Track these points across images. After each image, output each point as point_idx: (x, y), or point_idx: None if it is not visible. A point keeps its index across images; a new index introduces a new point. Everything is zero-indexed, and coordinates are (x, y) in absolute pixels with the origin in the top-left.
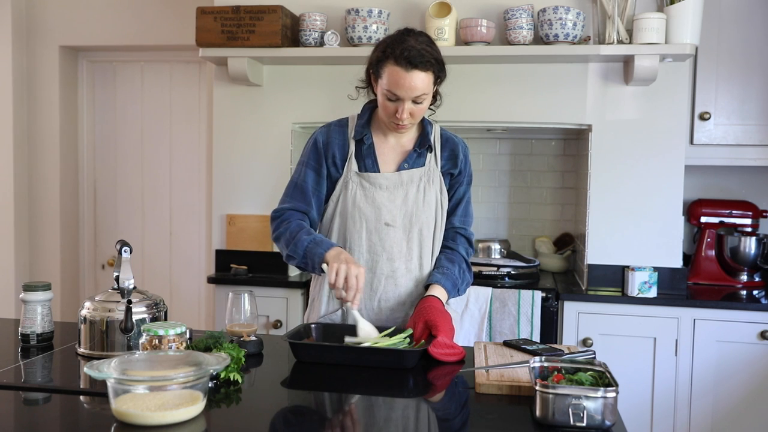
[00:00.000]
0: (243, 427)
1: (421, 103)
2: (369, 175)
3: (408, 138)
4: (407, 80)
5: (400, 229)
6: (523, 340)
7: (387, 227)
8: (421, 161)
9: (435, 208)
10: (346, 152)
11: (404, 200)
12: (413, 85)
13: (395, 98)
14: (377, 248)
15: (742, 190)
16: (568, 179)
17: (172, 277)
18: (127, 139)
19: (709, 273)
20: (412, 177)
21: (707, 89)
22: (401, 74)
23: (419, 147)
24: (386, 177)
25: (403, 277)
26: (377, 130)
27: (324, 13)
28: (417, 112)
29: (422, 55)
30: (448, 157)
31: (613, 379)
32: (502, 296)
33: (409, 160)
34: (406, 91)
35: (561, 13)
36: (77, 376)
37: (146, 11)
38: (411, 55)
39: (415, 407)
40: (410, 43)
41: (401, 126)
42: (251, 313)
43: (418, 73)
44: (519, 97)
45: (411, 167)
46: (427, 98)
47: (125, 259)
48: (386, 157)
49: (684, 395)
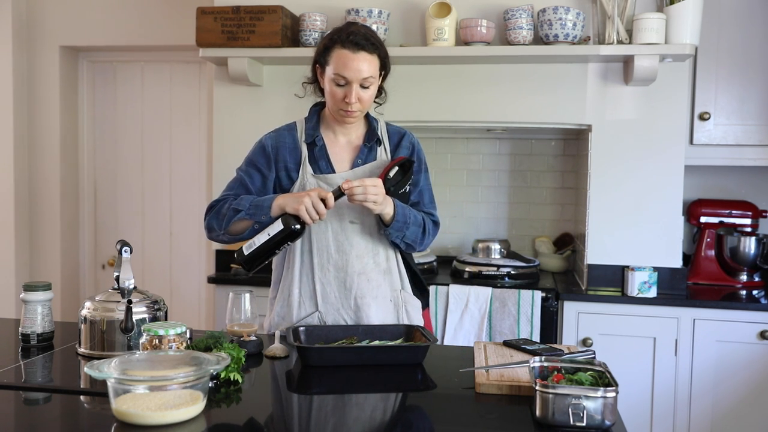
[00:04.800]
0: (243, 427)
1: (368, 88)
2: (326, 177)
3: (357, 135)
4: (354, 62)
5: (365, 226)
6: (523, 340)
7: (352, 225)
8: (372, 155)
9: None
10: (298, 156)
11: None
12: (360, 67)
13: (344, 82)
14: (345, 247)
15: (742, 190)
16: (568, 179)
17: (172, 277)
18: (127, 139)
19: (709, 273)
20: (365, 172)
21: (707, 89)
22: (348, 56)
23: (368, 141)
24: (342, 177)
25: (373, 272)
26: (327, 130)
27: (324, 13)
28: (365, 97)
29: (367, 38)
30: (397, 148)
31: (612, 379)
32: (502, 296)
33: (361, 155)
34: (354, 72)
35: (561, 13)
36: (77, 376)
37: (146, 11)
38: (357, 39)
39: (414, 407)
40: (354, 28)
41: (350, 113)
42: (251, 313)
43: (365, 54)
44: (519, 97)
45: (364, 162)
46: (374, 84)
47: (125, 259)
48: (339, 156)
49: (684, 395)
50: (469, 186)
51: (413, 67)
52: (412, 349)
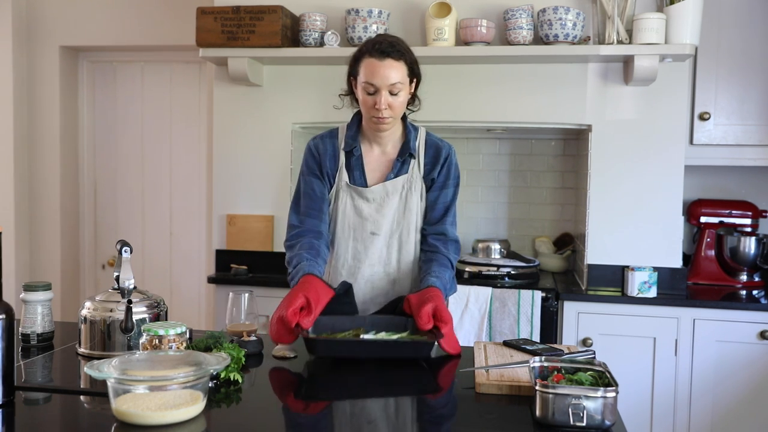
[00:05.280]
0: (243, 427)
1: (397, 95)
2: (358, 189)
3: (392, 147)
4: (381, 69)
5: (384, 237)
6: (523, 340)
7: (372, 236)
8: (405, 168)
9: (415, 212)
10: (337, 163)
11: (390, 209)
12: (387, 74)
13: (373, 90)
14: (361, 255)
15: (742, 190)
16: (568, 179)
17: (172, 277)
18: (127, 139)
19: (709, 273)
20: (396, 186)
21: (707, 89)
22: (375, 64)
23: (401, 155)
24: (372, 191)
25: (381, 281)
26: (364, 140)
27: (324, 14)
28: (395, 104)
29: (393, 45)
30: (430, 163)
31: (612, 379)
32: (502, 296)
33: (394, 169)
34: (381, 79)
35: (561, 13)
36: (77, 376)
37: (146, 11)
38: (383, 47)
39: (415, 407)
40: (381, 38)
41: (381, 120)
42: (251, 313)
43: (391, 61)
44: (519, 97)
45: (396, 176)
46: (403, 90)
47: (125, 259)
48: (373, 167)
49: (684, 395)
50: (469, 186)
51: None
52: (419, 344)
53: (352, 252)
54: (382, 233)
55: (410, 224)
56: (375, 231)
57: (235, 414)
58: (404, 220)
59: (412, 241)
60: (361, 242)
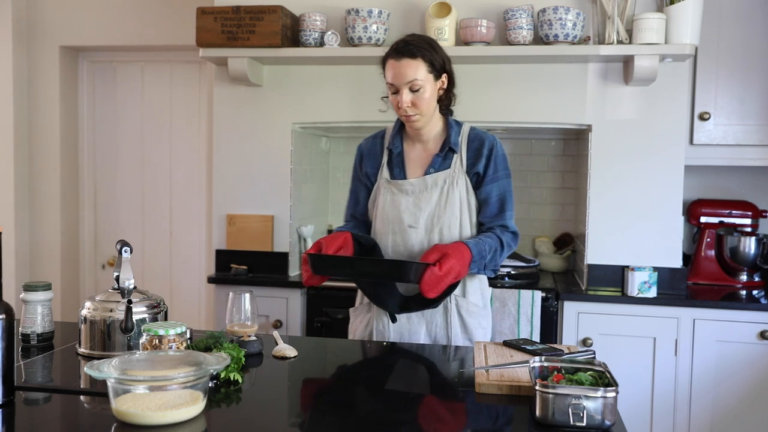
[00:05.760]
0: (243, 427)
1: (418, 91)
2: (396, 182)
3: (434, 143)
4: (397, 68)
5: (422, 231)
6: (523, 340)
7: (410, 229)
8: (446, 164)
9: (459, 207)
10: (379, 161)
11: (428, 203)
12: (403, 72)
13: (395, 89)
14: (400, 248)
15: (742, 190)
16: (568, 179)
17: (172, 277)
18: (127, 139)
19: (709, 273)
20: (437, 180)
21: (707, 89)
22: (393, 64)
23: (442, 150)
24: (411, 183)
25: None
26: (407, 138)
27: (324, 14)
28: (418, 102)
29: (408, 44)
30: (473, 157)
31: (612, 379)
32: (502, 296)
33: (434, 164)
34: (398, 78)
35: (561, 13)
36: (77, 376)
37: (146, 11)
38: (399, 47)
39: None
40: (402, 39)
41: (408, 118)
42: (251, 313)
43: (407, 60)
44: (519, 97)
45: (437, 171)
46: (423, 87)
47: (125, 259)
48: (414, 163)
49: (684, 395)
50: None
51: None
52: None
53: (392, 245)
54: (421, 227)
55: (452, 218)
56: (412, 224)
57: (235, 414)
58: (444, 216)
59: (455, 236)
60: (399, 235)
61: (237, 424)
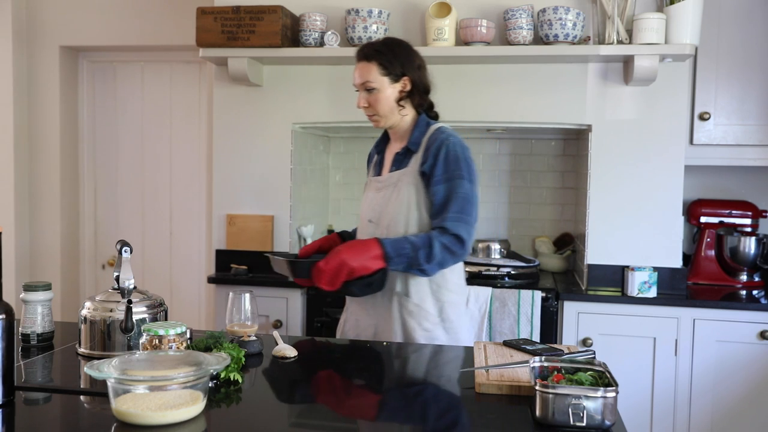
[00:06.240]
0: (243, 427)
1: (372, 92)
2: (370, 180)
3: (401, 143)
4: (356, 70)
5: (378, 226)
6: (523, 340)
7: (370, 224)
8: (405, 163)
9: (406, 205)
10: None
11: (384, 200)
12: (358, 73)
13: (356, 90)
14: None
15: (742, 190)
16: (568, 179)
17: (172, 277)
18: (127, 139)
19: (709, 273)
20: (393, 178)
21: (707, 89)
22: (355, 66)
23: (402, 150)
24: (378, 180)
25: None
26: (391, 138)
27: (324, 14)
28: (373, 102)
29: (366, 47)
30: (425, 156)
31: (612, 379)
32: (502, 296)
33: (395, 163)
34: (355, 79)
35: (561, 13)
36: (77, 376)
37: (146, 11)
38: (359, 50)
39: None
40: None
41: (369, 117)
42: (251, 313)
43: (362, 63)
44: (519, 97)
45: (398, 169)
46: (378, 88)
47: (125, 259)
48: (388, 161)
49: (684, 395)
50: None
51: None
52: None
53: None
54: (377, 222)
55: (397, 215)
56: (372, 219)
57: (235, 414)
58: (392, 212)
59: (399, 232)
60: (364, 230)
61: (237, 424)
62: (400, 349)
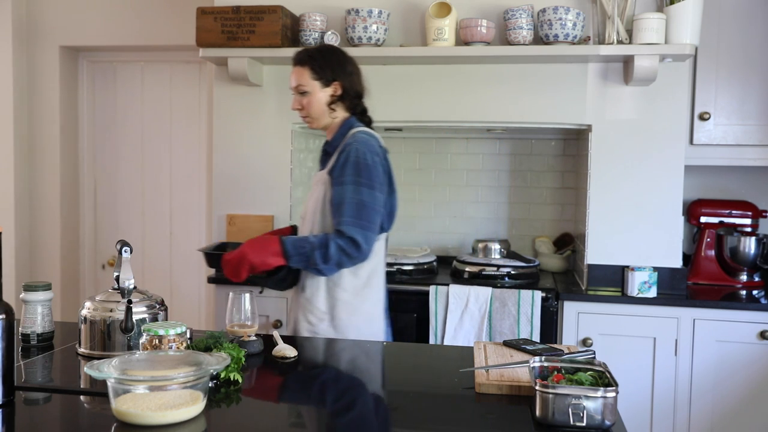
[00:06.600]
0: (243, 427)
1: (304, 95)
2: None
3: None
4: (291, 73)
5: (304, 222)
6: (523, 340)
7: (301, 219)
8: (325, 163)
9: (317, 205)
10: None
11: (309, 197)
12: (292, 78)
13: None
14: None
15: (742, 190)
16: (568, 179)
17: (172, 277)
18: (127, 139)
19: (709, 273)
20: (316, 177)
21: (707, 89)
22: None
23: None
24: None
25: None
26: None
27: (324, 14)
28: (305, 104)
29: (299, 53)
30: (336, 160)
31: (612, 379)
32: (502, 296)
33: (321, 162)
34: (290, 83)
35: (561, 13)
36: (77, 376)
37: (146, 11)
38: (294, 54)
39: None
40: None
41: (302, 119)
42: (251, 313)
43: (297, 68)
44: (519, 97)
45: (321, 169)
46: (309, 91)
47: (125, 259)
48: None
49: (684, 395)
50: (469, 186)
51: (413, 67)
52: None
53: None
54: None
55: (315, 214)
56: (302, 215)
57: (235, 414)
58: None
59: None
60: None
61: (237, 424)
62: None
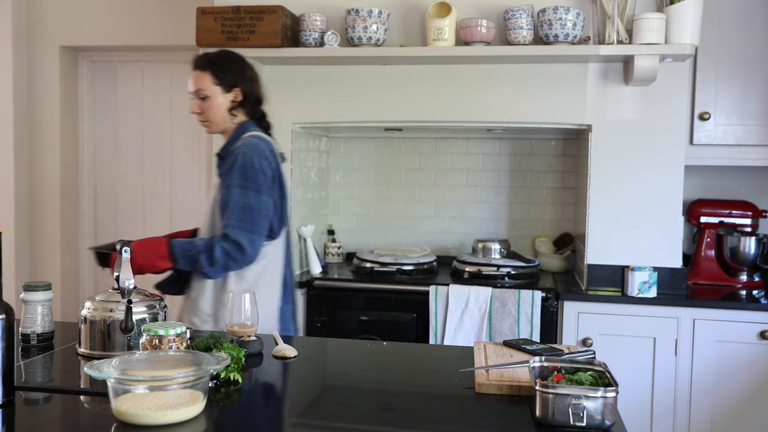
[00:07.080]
0: (243, 427)
1: (203, 99)
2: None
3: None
4: (191, 78)
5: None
6: (523, 340)
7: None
8: (220, 167)
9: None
10: None
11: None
12: (191, 82)
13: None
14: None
15: (742, 190)
16: (568, 179)
17: None
18: (127, 139)
19: (709, 273)
20: (213, 181)
21: (707, 89)
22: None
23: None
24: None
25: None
26: None
27: (324, 14)
28: (205, 109)
29: (199, 58)
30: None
31: (612, 378)
32: (502, 296)
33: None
34: (189, 87)
35: (561, 13)
36: (77, 376)
37: (146, 11)
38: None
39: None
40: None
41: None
42: (251, 313)
43: (197, 72)
44: (519, 97)
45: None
46: (209, 96)
47: (125, 259)
48: None
49: (684, 395)
50: (469, 186)
51: (413, 67)
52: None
53: None
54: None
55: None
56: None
57: (235, 414)
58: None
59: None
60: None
61: (237, 424)
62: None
